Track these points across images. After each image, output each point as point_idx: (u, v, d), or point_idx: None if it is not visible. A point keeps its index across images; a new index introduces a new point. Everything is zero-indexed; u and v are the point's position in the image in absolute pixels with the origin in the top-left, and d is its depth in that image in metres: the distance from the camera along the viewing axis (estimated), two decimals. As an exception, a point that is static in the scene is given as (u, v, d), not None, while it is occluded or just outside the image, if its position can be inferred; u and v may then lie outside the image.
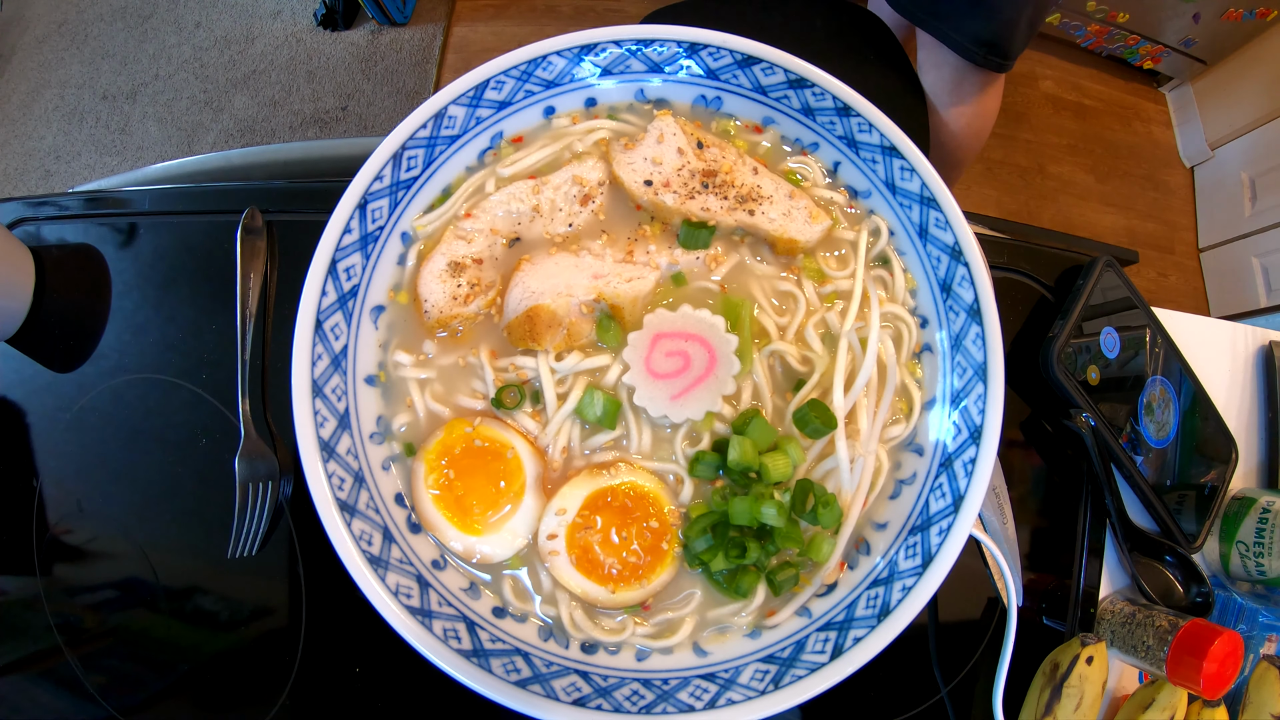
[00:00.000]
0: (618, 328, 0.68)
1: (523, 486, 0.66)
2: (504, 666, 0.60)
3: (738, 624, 0.66)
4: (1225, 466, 0.90)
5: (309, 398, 0.62)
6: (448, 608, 0.62)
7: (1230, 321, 0.98)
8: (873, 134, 0.72)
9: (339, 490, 0.61)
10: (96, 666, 0.79)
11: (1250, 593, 0.85)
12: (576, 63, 0.73)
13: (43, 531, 0.81)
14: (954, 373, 0.69)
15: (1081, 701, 0.73)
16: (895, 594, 0.63)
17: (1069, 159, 2.61)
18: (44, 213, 0.89)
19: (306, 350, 0.63)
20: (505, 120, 0.74)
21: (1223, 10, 2.27)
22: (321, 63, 2.54)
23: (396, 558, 0.63)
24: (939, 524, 0.64)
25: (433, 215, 0.71)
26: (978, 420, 0.66)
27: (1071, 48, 2.67)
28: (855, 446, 0.67)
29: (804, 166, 0.76)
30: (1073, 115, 2.66)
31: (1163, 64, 2.61)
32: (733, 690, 0.61)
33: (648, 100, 0.77)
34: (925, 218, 0.71)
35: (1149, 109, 2.72)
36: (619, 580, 0.65)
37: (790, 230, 0.71)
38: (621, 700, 0.60)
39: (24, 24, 2.75)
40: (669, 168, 0.72)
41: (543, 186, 0.72)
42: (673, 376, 0.66)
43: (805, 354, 0.71)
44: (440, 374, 0.69)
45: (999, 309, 0.67)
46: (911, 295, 0.73)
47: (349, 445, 0.64)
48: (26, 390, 0.85)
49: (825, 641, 0.63)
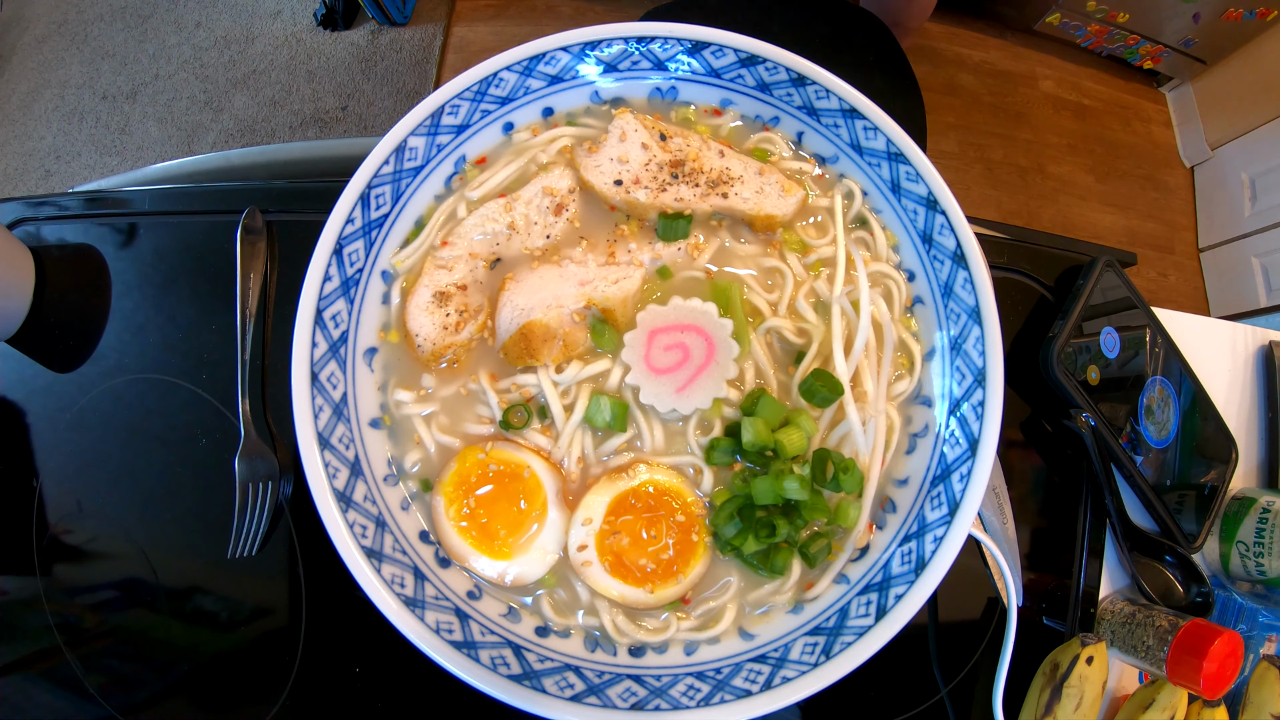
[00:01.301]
0: (612, 331, 0.68)
1: (545, 503, 0.65)
2: (557, 684, 0.60)
3: (779, 602, 0.67)
4: (1225, 466, 0.90)
5: (316, 452, 0.61)
6: (491, 636, 0.62)
7: (1230, 321, 0.98)
8: (830, 99, 0.72)
9: (362, 538, 0.61)
10: (96, 666, 0.78)
11: (1250, 593, 0.85)
12: (527, 75, 0.73)
13: (43, 531, 0.81)
14: (949, 320, 0.70)
15: (1081, 701, 0.73)
16: (928, 546, 0.63)
17: (1069, 159, 2.61)
18: (44, 213, 0.89)
19: (307, 405, 0.62)
20: (466, 143, 0.73)
21: (1223, 10, 2.27)
22: (321, 63, 2.54)
23: (432, 595, 0.62)
24: (958, 470, 0.65)
25: (409, 249, 0.71)
26: (980, 363, 0.66)
27: (1071, 48, 2.67)
28: (865, 408, 0.68)
29: (769, 142, 0.77)
30: (1073, 115, 2.66)
31: (1163, 64, 2.61)
32: (785, 668, 0.62)
33: (604, 101, 0.76)
34: (895, 173, 0.72)
35: (1149, 109, 2.72)
36: (655, 579, 0.65)
37: (765, 206, 0.72)
38: (678, 697, 0.61)
39: (24, 24, 2.75)
40: (636, 164, 0.71)
41: (514, 203, 0.71)
42: (674, 370, 0.66)
43: (800, 326, 0.71)
44: (444, 406, 0.69)
45: (999, 309, 0.67)
46: (894, 251, 0.74)
47: (365, 491, 0.64)
48: (26, 390, 0.85)
49: (868, 604, 0.63)
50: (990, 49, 2.67)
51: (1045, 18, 2.54)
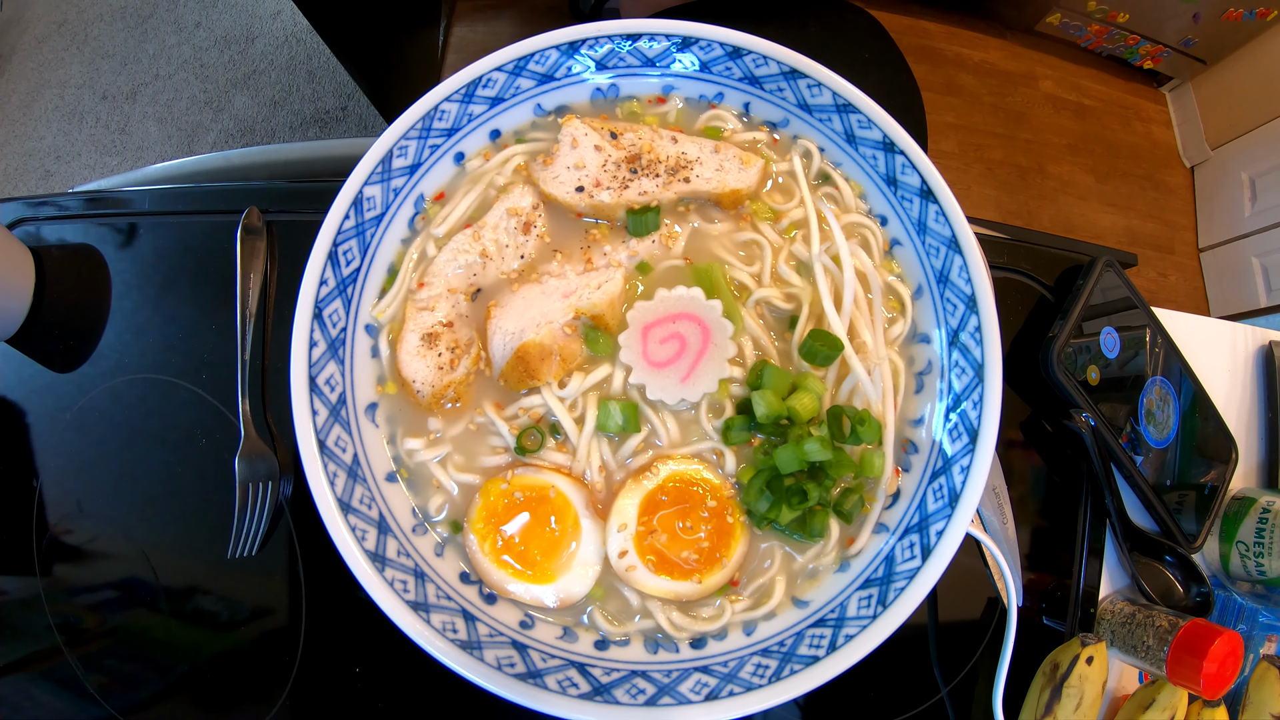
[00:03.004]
0: (606, 335, 0.68)
1: (576, 518, 0.66)
2: (628, 693, 0.60)
3: (824, 564, 0.67)
4: (1225, 466, 0.90)
5: (342, 520, 0.61)
6: (553, 660, 0.62)
7: (1230, 321, 0.98)
8: (769, 65, 0.73)
9: (404, 593, 0.61)
10: (96, 666, 0.79)
11: (1250, 593, 0.85)
12: (468, 102, 0.72)
13: (43, 531, 0.81)
14: (930, 256, 0.71)
15: (1081, 701, 0.73)
16: (956, 478, 0.64)
17: (1069, 159, 2.61)
18: (44, 213, 0.89)
19: (322, 479, 0.62)
20: (421, 182, 0.72)
21: (1223, 10, 2.27)
22: (321, 63, 2.54)
23: (486, 634, 0.62)
24: (970, 398, 0.66)
25: (388, 298, 0.70)
26: (968, 290, 0.67)
27: (1071, 48, 2.67)
28: (867, 358, 0.68)
29: (718, 119, 0.77)
30: (1073, 115, 2.65)
31: (1163, 64, 2.61)
32: (846, 626, 0.62)
33: (548, 112, 0.76)
34: (847, 124, 0.73)
35: (1149, 109, 2.72)
36: (700, 568, 0.65)
37: (729, 182, 0.72)
38: (749, 678, 0.61)
39: (24, 24, 2.75)
40: (594, 167, 0.71)
41: (481, 231, 0.71)
42: (675, 360, 0.67)
43: (788, 291, 0.72)
44: (456, 445, 0.68)
45: (999, 310, 0.68)
46: (862, 200, 0.75)
47: (397, 546, 0.64)
48: (26, 390, 0.85)
49: (911, 547, 0.64)
50: (990, 49, 2.67)
51: (1045, 18, 2.54)
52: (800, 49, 0.72)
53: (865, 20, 1.29)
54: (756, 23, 1.19)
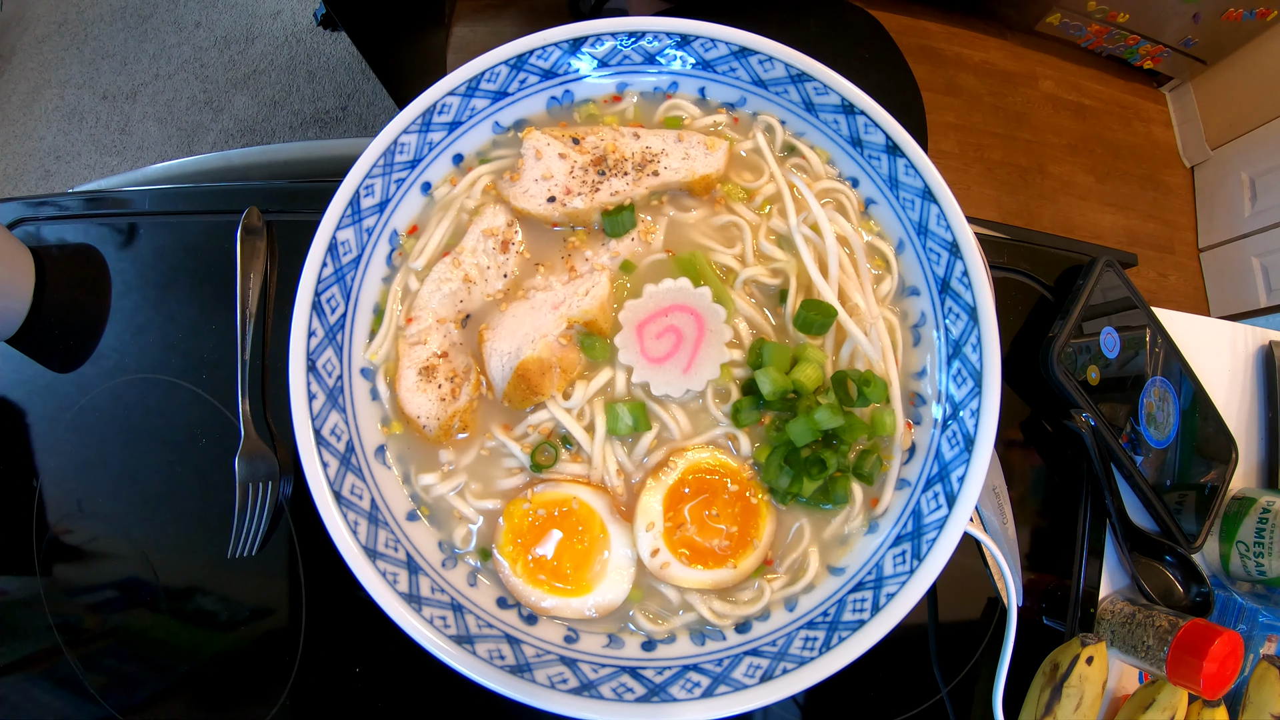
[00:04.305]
0: (601, 340, 0.68)
1: (603, 526, 0.66)
2: (684, 688, 0.61)
3: (854, 529, 0.68)
4: (1225, 466, 0.90)
5: (370, 566, 0.61)
6: (604, 669, 0.62)
7: (1230, 321, 0.98)
8: (718, 47, 0.73)
9: (445, 628, 0.60)
10: (96, 666, 0.79)
11: (1250, 593, 0.85)
12: (426, 131, 0.72)
13: (43, 531, 0.81)
14: (906, 209, 0.71)
15: (1081, 701, 0.73)
16: (968, 422, 0.65)
17: (1069, 159, 2.61)
18: (44, 213, 0.89)
19: (345, 530, 0.61)
20: (392, 217, 0.72)
21: (1223, 10, 2.27)
22: (321, 63, 2.54)
23: (533, 655, 0.62)
24: (969, 341, 0.66)
25: (378, 339, 0.69)
26: (949, 236, 0.68)
27: (1071, 48, 2.67)
28: (861, 319, 0.69)
29: (676, 108, 0.77)
30: (1073, 115, 2.65)
31: (1163, 64, 2.61)
32: (886, 585, 0.62)
33: (506, 128, 0.76)
34: (804, 93, 0.73)
35: (1149, 109, 2.72)
36: (733, 554, 0.66)
37: (697, 169, 0.72)
38: (799, 653, 0.61)
39: (24, 24, 2.75)
40: (561, 175, 0.71)
41: (460, 256, 0.70)
42: (674, 353, 0.67)
43: (773, 267, 0.72)
44: (470, 474, 0.68)
45: (998, 310, 0.68)
46: (830, 165, 0.75)
47: (430, 583, 0.63)
48: (26, 390, 0.85)
49: (935, 496, 0.64)
50: (990, 49, 2.67)
51: (1045, 18, 2.54)
52: (800, 49, 0.72)
53: (865, 20, 1.30)
54: (757, 23, 1.19)
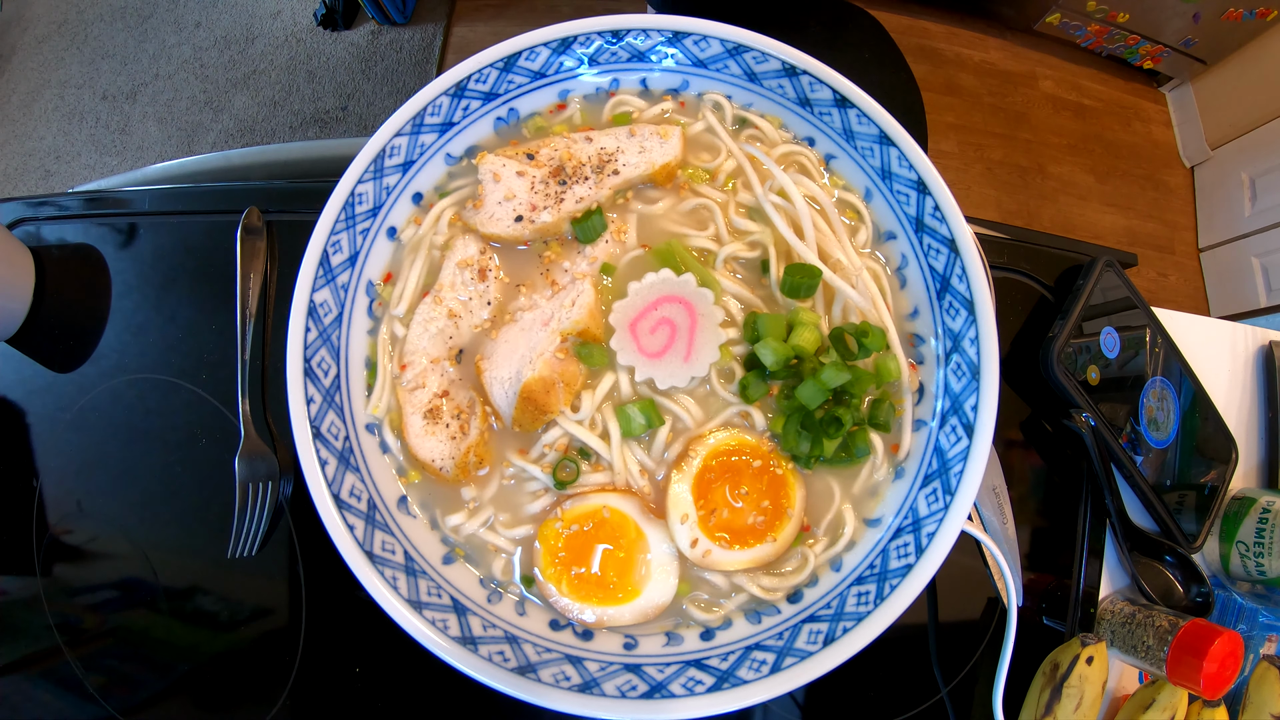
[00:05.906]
0: (597, 346, 0.68)
1: (638, 528, 0.66)
2: (751, 669, 0.61)
3: (881, 478, 0.69)
4: (1225, 466, 0.90)
5: (418, 618, 0.60)
6: (670, 668, 0.62)
7: (1230, 321, 0.98)
8: (652, 36, 0.74)
9: (505, 663, 0.60)
10: (96, 666, 0.79)
11: (1250, 593, 0.85)
12: (379, 177, 0.71)
13: (43, 531, 0.81)
14: (865, 156, 0.73)
15: (1081, 701, 0.73)
16: (969, 351, 0.66)
17: (1069, 159, 2.61)
18: (44, 213, 0.89)
19: (384, 587, 0.61)
20: (365, 268, 0.71)
21: (1223, 10, 2.27)
22: (321, 63, 2.54)
23: (598, 669, 0.62)
24: (954, 274, 0.68)
25: (376, 392, 0.69)
26: (914, 175, 0.70)
27: (1071, 48, 2.67)
28: (845, 273, 0.70)
29: (621, 104, 0.78)
30: (1073, 115, 2.66)
31: (1163, 64, 2.61)
32: (924, 526, 0.63)
33: (458, 158, 0.76)
34: (744, 65, 0.74)
35: (1149, 109, 2.72)
36: (770, 528, 0.66)
37: (656, 159, 0.73)
38: (854, 610, 0.62)
39: (24, 24, 2.75)
40: (524, 193, 0.72)
41: (440, 293, 0.70)
42: (671, 344, 0.67)
43: (749, 240, 0.73)
44: (496, 505, 0.68)
45: (998, 310, 0.68)
46: (784, 129, 0.77)
47: (481, 622, 0.63)
48: (26, 390, 0.85)
49: (952, 430, 0.65)
50: (990, 49, 2.67)
51: (1045, 18, 2.54)
52: (801, 49, 0.73)
53: (865, 20, 1.30)
54: (757, 24, 1.20)
